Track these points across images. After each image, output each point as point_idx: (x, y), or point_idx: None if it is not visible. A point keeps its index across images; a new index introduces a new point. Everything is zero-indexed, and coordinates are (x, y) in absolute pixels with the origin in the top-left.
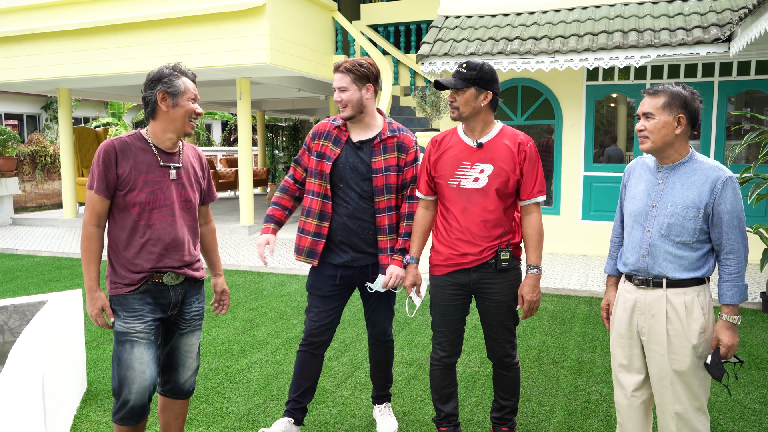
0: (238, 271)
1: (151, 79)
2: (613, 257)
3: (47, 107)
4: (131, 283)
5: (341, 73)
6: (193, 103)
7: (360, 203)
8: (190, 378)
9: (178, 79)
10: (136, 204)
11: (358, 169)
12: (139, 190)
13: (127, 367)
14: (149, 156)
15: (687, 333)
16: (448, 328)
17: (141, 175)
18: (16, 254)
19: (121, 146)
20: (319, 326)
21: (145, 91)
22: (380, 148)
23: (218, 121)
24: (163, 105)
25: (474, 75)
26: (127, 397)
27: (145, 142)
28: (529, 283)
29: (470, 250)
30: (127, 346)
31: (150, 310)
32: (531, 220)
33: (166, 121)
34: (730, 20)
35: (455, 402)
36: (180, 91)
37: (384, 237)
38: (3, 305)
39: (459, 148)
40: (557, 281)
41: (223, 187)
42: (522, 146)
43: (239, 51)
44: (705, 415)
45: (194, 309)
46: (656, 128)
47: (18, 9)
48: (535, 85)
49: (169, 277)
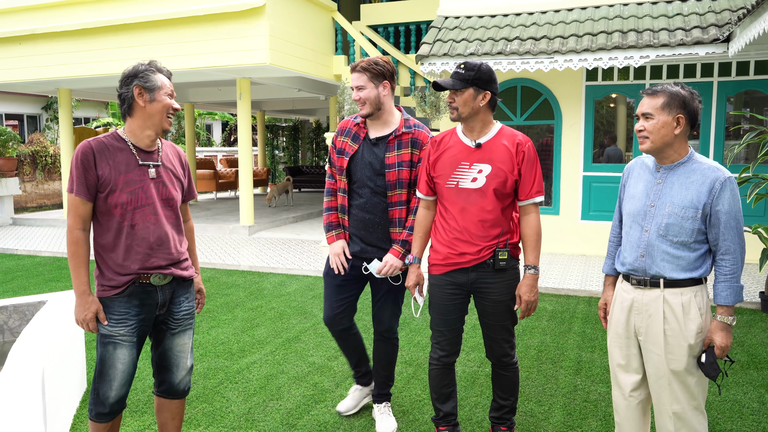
0: (238, 271)
1: (126, 76)
2: (611, 257)
3: (48, 107)
4: (117, 285)
5: (358, 72)
6: (170, 99)
7: (372, 198)
8: (185, 377)
9: (154, 75)
10: (118, 205)
11: (373, 165)
12: (120, 190)
13: (109, 366)
14: (127, 155)
15: (684, 333)
16: (446, 327)
17: (120, 175)
18: (17, 254)
19: (99, 147)
20: (333, 315)
21: (121, 88)
22: (395, 143)
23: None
24: (140, 100)
25: (472, 75)
26: (107, 394)
27: (122, 142)
28: (526, 283)
29: (468, 249)
30: (110, 348)
31: (135, 313)
32: (529, 220)
33: (143, 117)
34: (729, 20)
35: (454, 401)
36: (156, 86)
37: (395, 229)
38: (3, 305)
39: (458, 149)
40: (556, 281)
41: (224, 187)
42: (520, 146)
43: (239, 51)
44: (703, 415)
45: (184, 308)
46: (655, 128)
47: (19, 9)
48: (534, 86)
49: (156, 278)
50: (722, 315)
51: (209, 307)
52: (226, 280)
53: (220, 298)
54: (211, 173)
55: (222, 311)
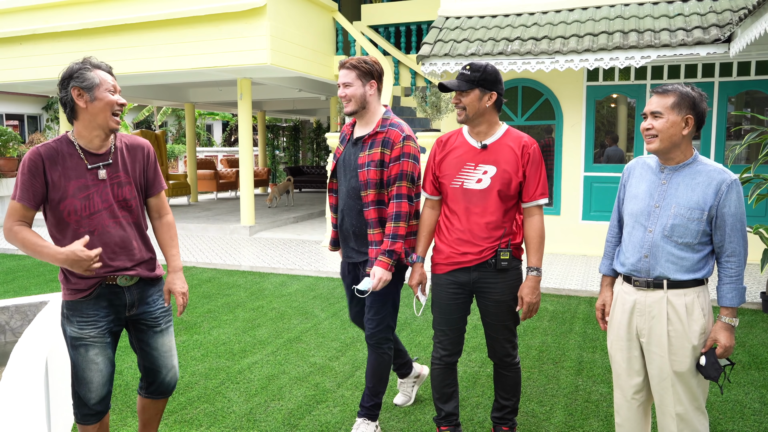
0: (239, 272)
1: (62, 79)
2: (608, 257)
3: (48, 108)
4: (84, 288)
5: (347, 69)
6: (113, 95)
7: (347, 201)
8: (174, 376)
9: (90, 72)
10: (71, 213)
11: (351, 165)
12: (72, 196)
13: (84, 369)
14: (76, 160)
15: (688, 334)
16: (449, 326)
17: (71, 180)
18: (18, 254)
19: (48, 153)
20: (354, 315)
21: (60, 92)
22: (369, 143)
23: (219, 121)
24: (81, 101)
25: (478, 76)
26: (87, 396)
27: (72, 146)
28: (529, 285)
29: (470, 249)
30: (81, 350)
31: (104, 315)
32: (533, 222)
33: (87, 118)
34: (730, 21)
35: (456, 401)
36: (95, 83)
37: (370, 230)
38: (5, 305)
39: (464, 149)
40: (558, 281)
41: (224, 187)
42: (526, 148)
43: (240, 51)
44: (704, 415)
45: (158, 306)
46: (665, 128)
47: (19, 9)
48: (535, 86)
49: (123, 279)
50: (727, 316)
51: (210, 308)
52: (227, 281)
53: (221, 298)
54: (212, 173)
55: (223, 311)
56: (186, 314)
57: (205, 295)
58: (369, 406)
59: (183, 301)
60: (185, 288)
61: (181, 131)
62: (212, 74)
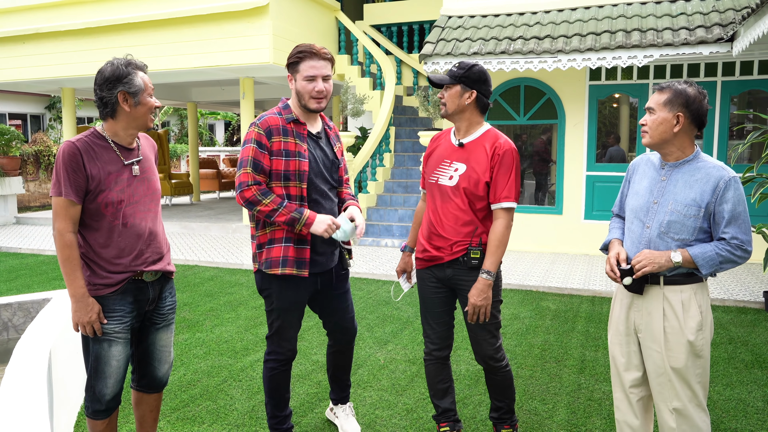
0: (241, 270)
1: (108, 79)
2: (615, 230)
3: (51, 107)
4: (112, 283)
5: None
6: (152, 98)
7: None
8: (167, 371)
9: (137, 77)
10: (109, 204)
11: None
12: (110, 189)
13: (105, 364)
14: (112, 154)
15: (684, 330)
16: (434, 320)
17: (110, 174)
18: (20, 253)
19: (84, 147)
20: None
21: (102, 91)
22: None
23: (221, 120)
24: (125, 105)
25: (461, 73)
26: (103, 391)
27: (104, 140)
28: (477, 287)
29: (442, 244)
30: (105, 345)
31: (129, 310)
32: (495, 225)
33: (128, 120)
34: (733, 20)
35: (452, 397)
36: (141, 89)
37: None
38: (7, 303)
39: (444, 146)
40: (560, 281)
41: (226, 186)
42: (497, 150)
43: (242, 51)
44: (704, 412)
45: (168, 303)
46: (655, 124)
47: (22, 9)
48: (537, 85)
49: (149, 274)
50: (679, 250)
51: (213, 306)
52: (229, 279)
53: (224, 296)
54: (214, 173)
55: (225, 310)
56: (188, 312)
57: (208, 294)
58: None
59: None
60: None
61: (183, 131)
62: (215, 73)
